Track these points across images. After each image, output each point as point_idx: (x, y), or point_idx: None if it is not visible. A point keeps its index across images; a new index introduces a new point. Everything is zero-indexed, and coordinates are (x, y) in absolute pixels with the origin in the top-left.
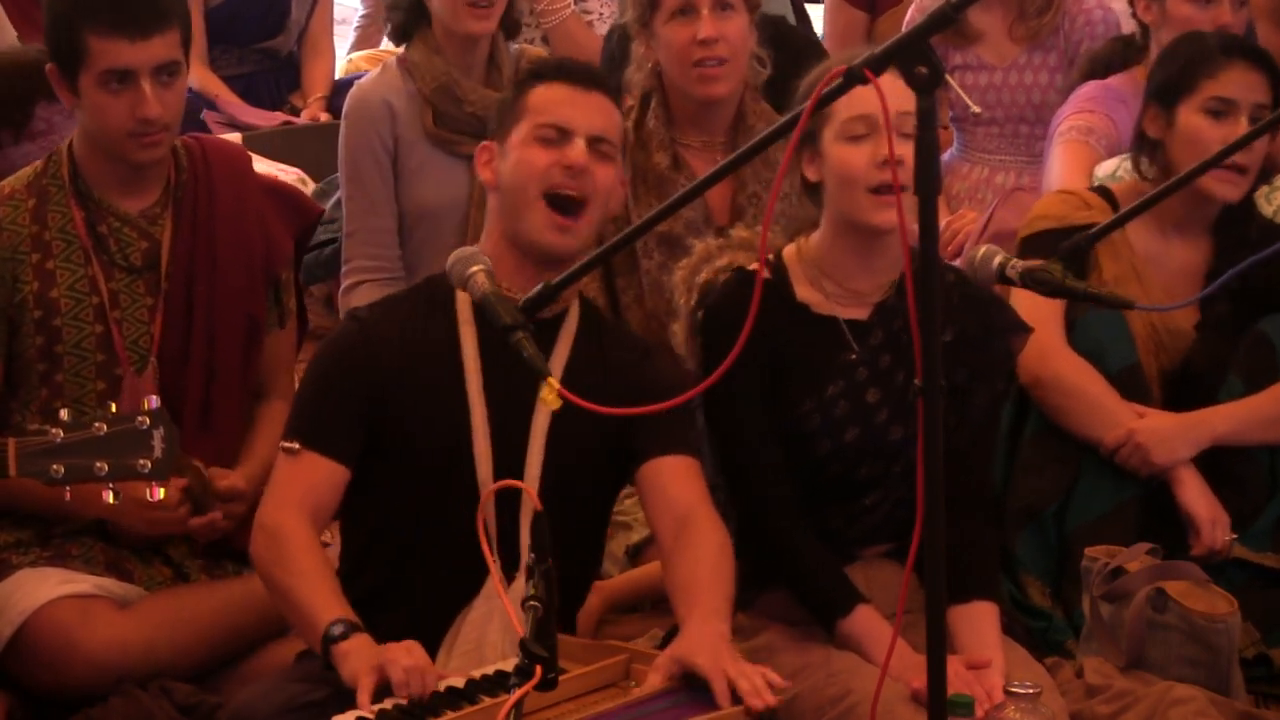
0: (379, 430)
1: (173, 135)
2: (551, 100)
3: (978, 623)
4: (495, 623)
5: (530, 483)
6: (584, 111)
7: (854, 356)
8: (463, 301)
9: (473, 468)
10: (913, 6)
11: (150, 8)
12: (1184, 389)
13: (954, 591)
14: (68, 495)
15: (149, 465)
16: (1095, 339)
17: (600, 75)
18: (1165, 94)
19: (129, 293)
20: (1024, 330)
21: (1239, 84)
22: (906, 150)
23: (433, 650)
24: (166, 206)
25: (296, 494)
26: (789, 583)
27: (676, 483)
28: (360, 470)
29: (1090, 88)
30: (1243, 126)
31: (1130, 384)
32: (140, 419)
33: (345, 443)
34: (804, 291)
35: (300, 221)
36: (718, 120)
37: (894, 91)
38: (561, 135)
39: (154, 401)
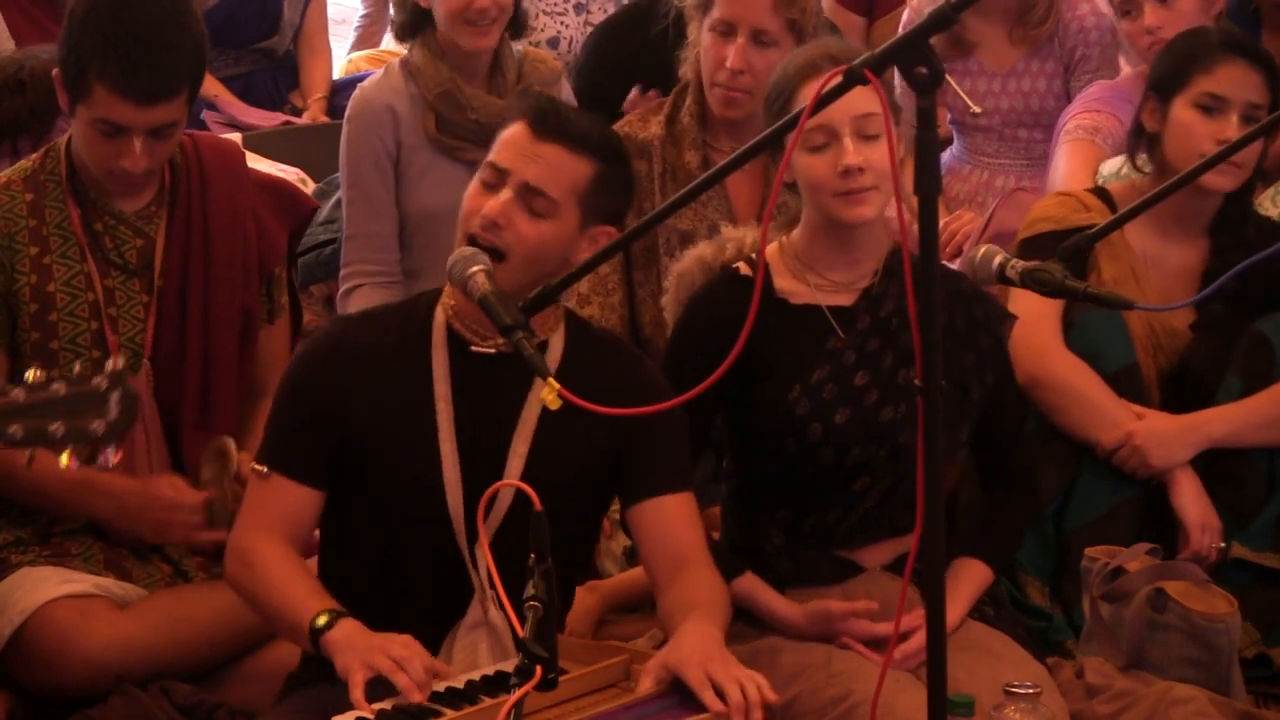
0: (347, 446)
1: (155, 175)
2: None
3: (958, 574)
4: (484, 646)
5: (500, 512)
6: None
7: (839, 342)
8: (439, 322)
9: (443, 494)
10: (908, 8)
11: (161, 78)
12: (1182, 389)
13: (956, 546)
14: (27, 459)
15: (103, 427)
16: (1093, 339)
17: None
18: (1162, 86)
19: (124, 290)
20: (1008, 317)
21: (1233, 81)
22: (871, 151)
23: None
24: (162, 206)
25: (268, 518)
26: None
27: (676, 523)
28: (337, 488)
29: (1097, 88)
30: (1232, 124)
31: (1128, 383)
32: (98, 380)
33: (314, 465)
34: (784, 284)
35: (294, 216)
36: (748, 130)
37: (853, 94)
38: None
39: (118, 362)
